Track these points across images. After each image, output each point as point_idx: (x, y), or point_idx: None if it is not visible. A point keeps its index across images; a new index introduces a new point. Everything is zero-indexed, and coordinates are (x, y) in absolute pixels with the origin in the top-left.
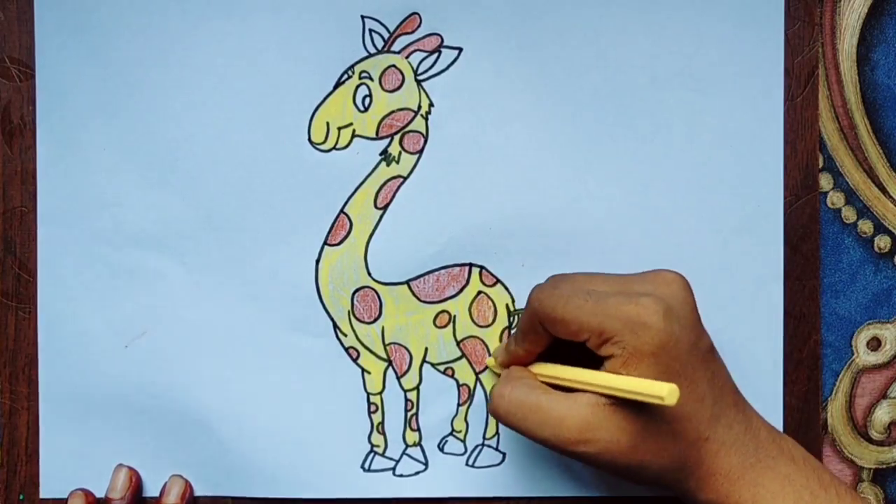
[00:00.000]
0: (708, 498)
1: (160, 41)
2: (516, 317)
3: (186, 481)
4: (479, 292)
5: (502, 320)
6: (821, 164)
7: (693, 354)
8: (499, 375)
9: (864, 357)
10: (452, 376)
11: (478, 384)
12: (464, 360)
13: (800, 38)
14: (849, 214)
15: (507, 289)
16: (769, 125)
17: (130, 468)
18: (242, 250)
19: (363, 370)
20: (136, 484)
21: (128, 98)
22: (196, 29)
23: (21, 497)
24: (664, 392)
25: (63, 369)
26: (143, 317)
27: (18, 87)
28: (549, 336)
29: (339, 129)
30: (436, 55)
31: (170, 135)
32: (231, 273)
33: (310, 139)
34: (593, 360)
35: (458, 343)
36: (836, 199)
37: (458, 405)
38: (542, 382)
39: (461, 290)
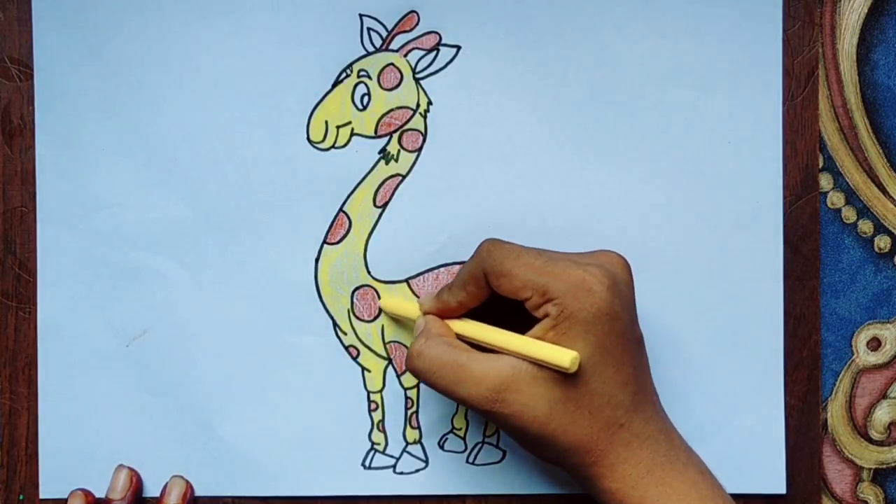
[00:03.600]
0: (612, 486)
1: (159, 41)
2: None
3: (187, 482)
4: None
5: None
6: (821, 164)
7: (625, 337)
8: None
9: (864, 357)
10: None
11: None
12: None
13: (799, 37)
14: (849, 214)
15: None
16: (768, 125)
17: (131, 469)
18: (242, 249)
19: (363, 368)
20: (137, 484)
21: (127, 98)
22: (195, 28)
23: (21, 497)
24: (567, 359)
25: (63, 369)
26: (143, 317)
27: (18, 87)
28: (486, 290)
29: (338, 127)
30: (434, 53)
31: (169, 134)
32: (231, 272)
33: (308, 138)
34: (509, 325)
35: None
36: (836, 199)
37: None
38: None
39: None
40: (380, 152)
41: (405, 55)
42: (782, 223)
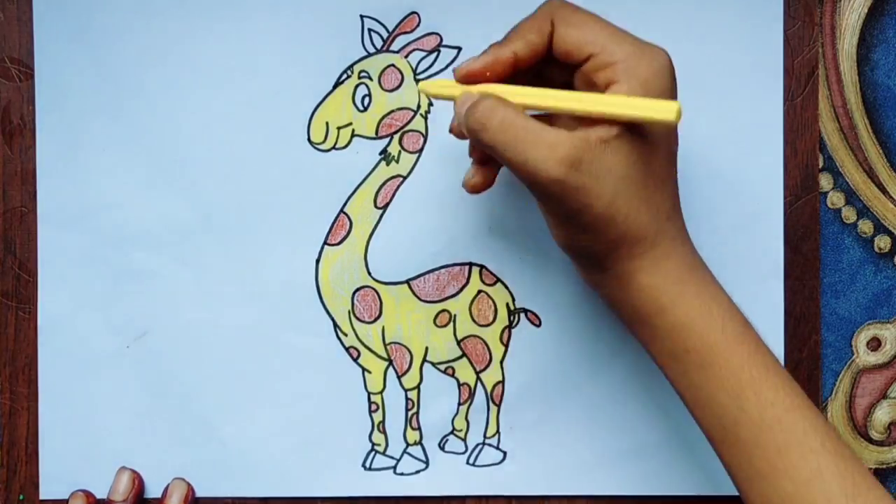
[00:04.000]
0: (652, 281)
1: (160, 41)
2: (517, 316)
3: (188, 484)
4: (480, 291)
5: (502, 319)
6: (821, 164)
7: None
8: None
9: (864, 357)
10: (453, 375)
11: (478, 383)
12: (464, 359)
13: (800, 38)
14: (849, 214)
15: (507, 288)
16: (769, 125)
17: (134, 471)
18: (242, 250)
19: (364, 369)
20: (139, 487)
21: (127, 98)
22: (195, 29)
23: (21, 497)
24: (674, 109)
25: (63, 369)
26: (143, 317)
27: (18, 87)
28: (545, 44)
29: (339, 128)
30: (435, 54)
31: (169, 135)
32: (231, 273)
33: (309, 139)
34: None
35: (458, 342)
36: (836, 199)
37: (459, 404)
38: None
39: (461, 290)
40: (380, 153)
41: (406, 56)
42: (782, 223)
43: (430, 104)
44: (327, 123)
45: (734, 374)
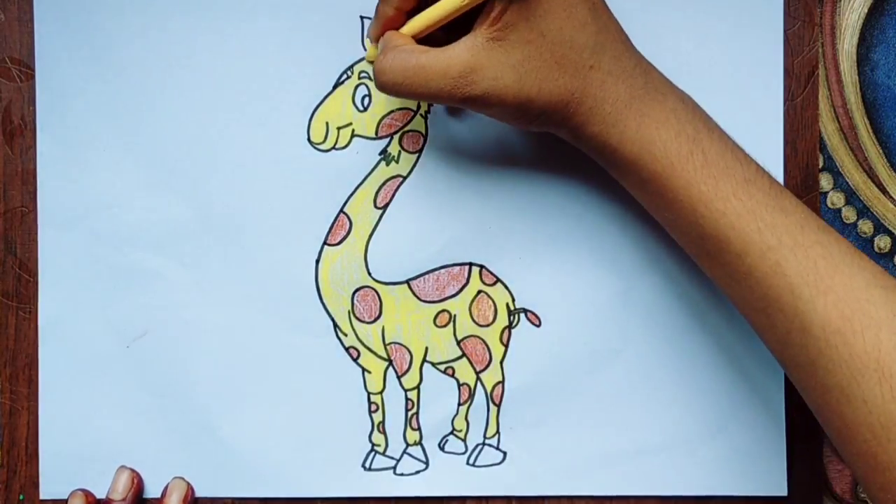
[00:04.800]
0: (594, 130)
1: (160, 42)
2: (517, 316)
3: (188, 484)
4: (480, 291)
5: (502, 319)
6: (821, 164)
7: None
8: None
9: None
10: (453, 375)
11: (478, 383)
12: (464, 359)
13: (800, 38)
14: (849, 214)
15: (507, 288)
16: (769, 125)
17: (133, 470)
18: (242, 250)
19: (364, 370)
20: (138, 486)
21: (128, 98)
22: (196, 29)
23: (21, 497)
24: None
25: (63, 369)
26: (143, 317)
27: (19, 87)
28: None
29: (339, 128)
30: None
31: (170, 135)
32: (231, 273)
33: (309, 139)
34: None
35: (458, 342)
36: (836, 199)
37: (459, 404)
38: (420, 43)
39: (461, 290)
40: (380, 153)
41: None
42: None
43: (430, 104)
44: (327, 123)
45: (686, 194)
